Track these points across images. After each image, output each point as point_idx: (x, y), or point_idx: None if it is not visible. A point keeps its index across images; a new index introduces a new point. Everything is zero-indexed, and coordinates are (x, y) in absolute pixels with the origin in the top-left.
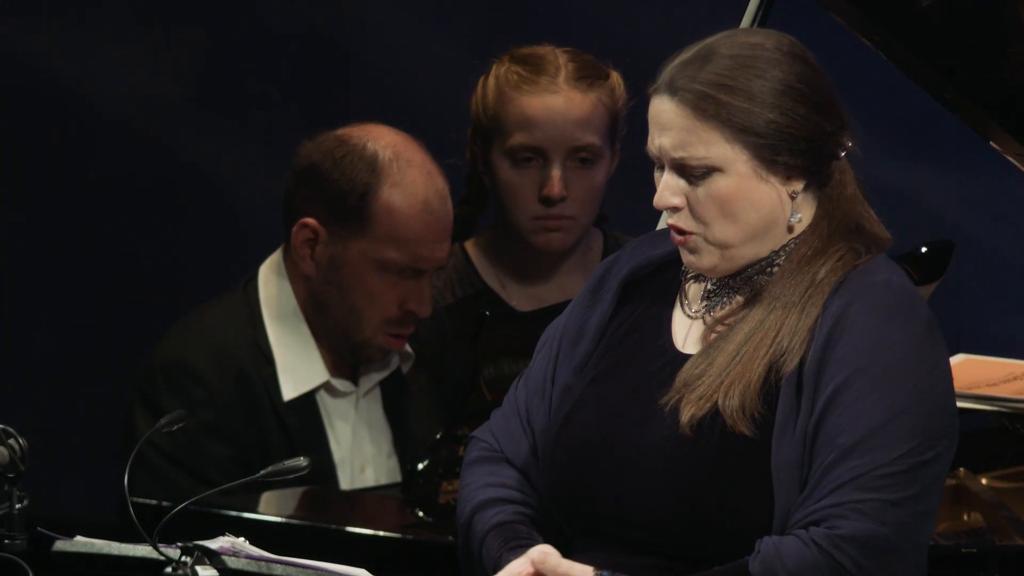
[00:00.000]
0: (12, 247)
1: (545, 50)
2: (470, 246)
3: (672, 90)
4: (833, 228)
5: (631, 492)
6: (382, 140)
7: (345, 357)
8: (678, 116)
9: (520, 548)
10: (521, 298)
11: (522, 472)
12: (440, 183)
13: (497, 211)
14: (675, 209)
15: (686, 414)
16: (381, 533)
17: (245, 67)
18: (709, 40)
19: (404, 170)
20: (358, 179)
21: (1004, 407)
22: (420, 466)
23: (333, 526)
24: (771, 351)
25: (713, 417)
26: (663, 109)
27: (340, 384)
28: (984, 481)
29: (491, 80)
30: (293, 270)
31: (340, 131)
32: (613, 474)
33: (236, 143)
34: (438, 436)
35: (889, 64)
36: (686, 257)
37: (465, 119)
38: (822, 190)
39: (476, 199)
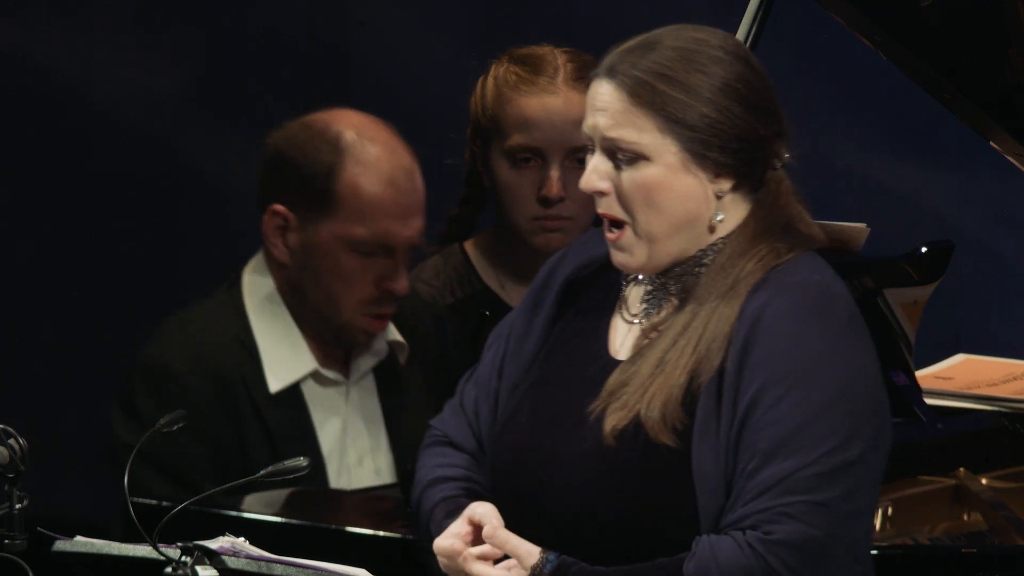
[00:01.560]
0: (12, 247)
1: (544, 50)
2: (470, 246)
3: (612, 74)
4: (759, 229)
5: (558, 502)
6: (345, 121)
7: (332, 344)
8: (615, 99)
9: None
10: (520, 298)
11: (471, 455)
12: (406, 160)
13: (496, 211)
14: (602, 194)
15: (609, 424)
16: (381, 533)
17: (245, 67)
18: (657, 31)
19: (367, 148)
20: (322, 160)
21: (1004, 407)
22: None
23: (333, 526)
24: (693, 358)
25: (636, 426)
26: (601, 92)
27: (330, 374)
28: (984, 481)
29: (490, 80)
30: (272, 262)
31: (306, 117)
32: (542, 483)
33: (236, 143)
34: None
35: (889, 64)
36: (616, 256)
37: (465, 119)
38: (754, 195)
39: (475, 199)
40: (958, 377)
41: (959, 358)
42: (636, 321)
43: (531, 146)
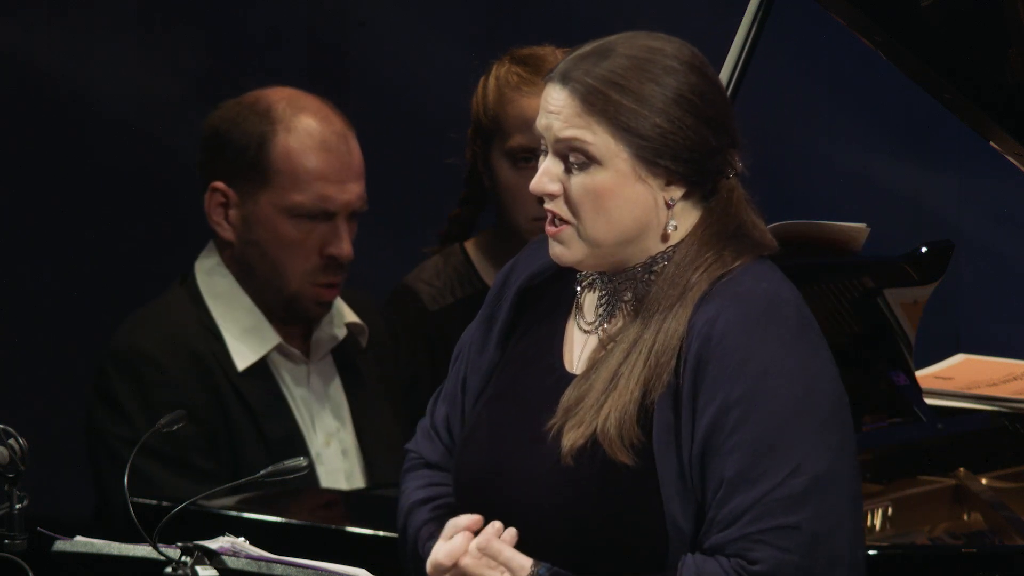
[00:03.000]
0: (12, 246)
1: (545, 50)
2: (470, 246)
3: (565, 80)
4: (708, 237)
5: (520, 521)
6: (276, 95)
7: (288, 320)
8: (568, 105)
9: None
10: None
11: (444, 470)
12: (338, 125)
13: (497, 211)
14: (551, 196)
15: (566, 443)
16: (381, 533)
17: (245, 67)
18: (612, 38)
19: (297, 115)
20: (253, 132)
21: (1004, 407)
22: None
23: (333, 526)
24: (645, 372)
25: (594, 445)
26: (554, 96)
27: (293, 350)
28: (984, 481)
29: (491, 81)
30: (220, 243)
31: (241, 96)
32: (504, 502)
33: None
34: None
35: (889, 64)
36: (553, 248)
37: (465, 119)
38: (705, 204)
39: (475, 199)
40: (958, 377)
41: (959, 358)
42: (592, 330)
43: (532, 146)
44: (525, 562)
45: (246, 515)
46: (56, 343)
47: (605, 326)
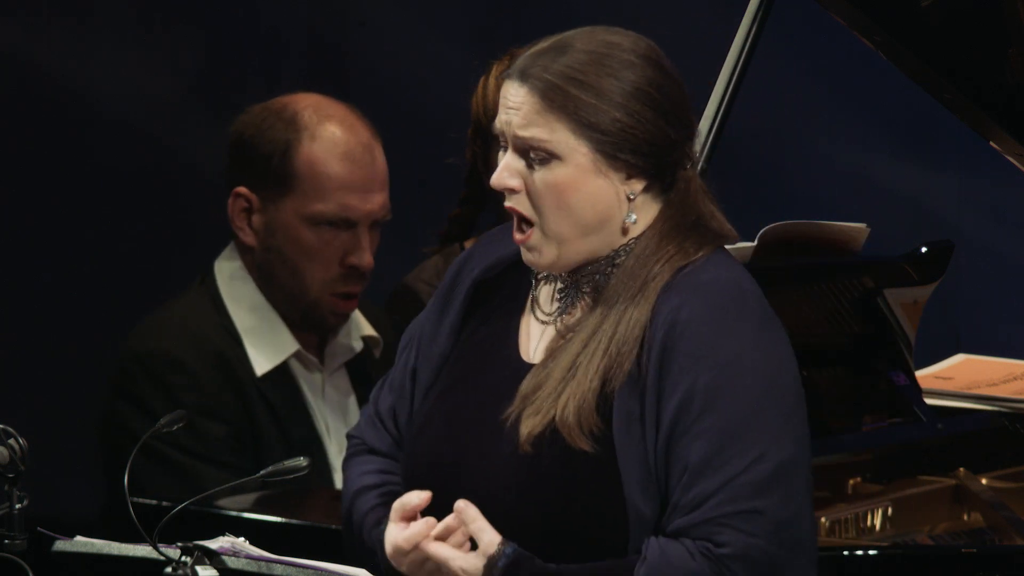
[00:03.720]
0: (12, 246)
1: None
2: (470, 246)
3: (523, 77)
4: (668, 229)
5: (481, 510)
6: (303, 102)
7: (304, 328)
8: (527, 102)
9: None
10: None
11: (390, 457)
12: (364, 135)
13: (497, 211)
14: (512, 191)
15: (524, 430)
16: None
17: (245, 67)
18: (569, 33)
19: (323, 123)
20: (279, 139)
21: (1004, 407)
22: None
23: (333, 526)
24: (604, 361)
25: (553, 432)
26: (513, 92)
27: (310, 359)
28: (984, 481)
29: (491, 81)
30: (241, 247)
31: (268, 101)
32: (463, 492)
33: None
34: None
35: (889, 64)
36: (526, 255)
37: (465, 119)
38: (665, 195)
39: (475, 199)
40: (958, 377)
41: (959, 358)
42: (549, 321)
43: None
44: (495, 538)
45: (246, 515)
46: (56, 343)
47: (563, 317)
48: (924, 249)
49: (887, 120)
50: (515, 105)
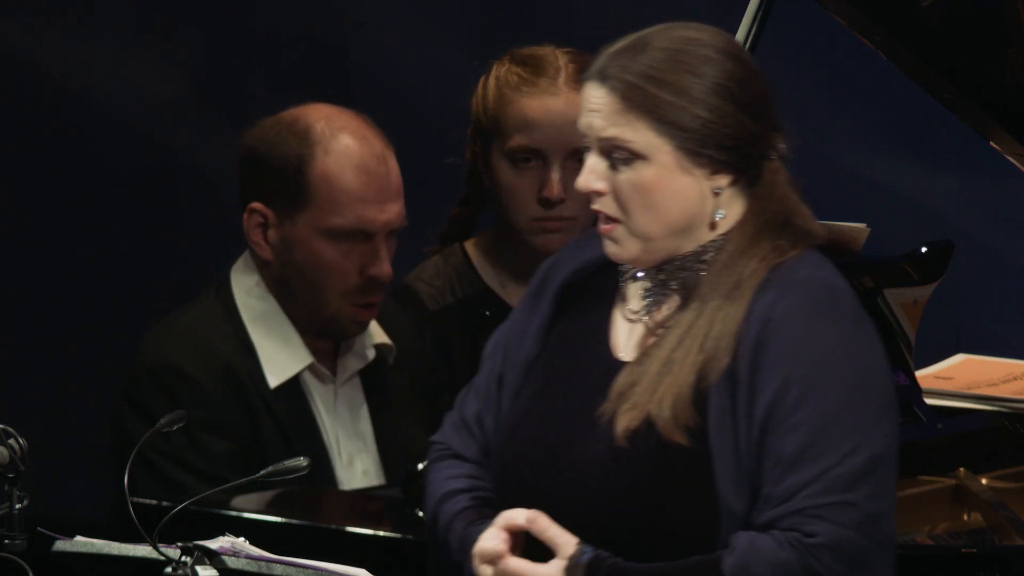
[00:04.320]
0: (11, 246)
1: (545, 50)
2: (470, 246)
3: (603, 78)
4: (760, 226)
5: (574, 506)
6: (315, 114)
7: (323, 338)
8: (607, 103)
9: (485, 522)
10: (521, 298)
11: (477, 463)
12: (377, 146)
13: (497, 211)
14: (599, 194)
15: (620, 425)
16: (381, 533)
17: (245, 67)
18: (647, 31)
19: (336, 136)
20: (292, 153)
21: (1004, 407)
22: (420, 466)
23: (333, 526)
24: (700, 357)
25: (648, 427)
26: (594, 94)
27: (323, 369)
28: (984, 481)
29: (491, 81)
30: (257, 260)
31: (278, 114)
32: (557, 489)
33: (236, 143)
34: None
35: (889, 64)
36: (608, 247)
37: (465, 119)
38: (751, 189)
39: (476, 199)
40: (958, 377)
41: (959, 358)
42: (637, 319)
43: (532, 147)
44: (571, 539)
45: (246, 515)
46: (56, 343)
47: (651, 314)
48: (924, 249)
49: (887, 120)
50: (596, 107)
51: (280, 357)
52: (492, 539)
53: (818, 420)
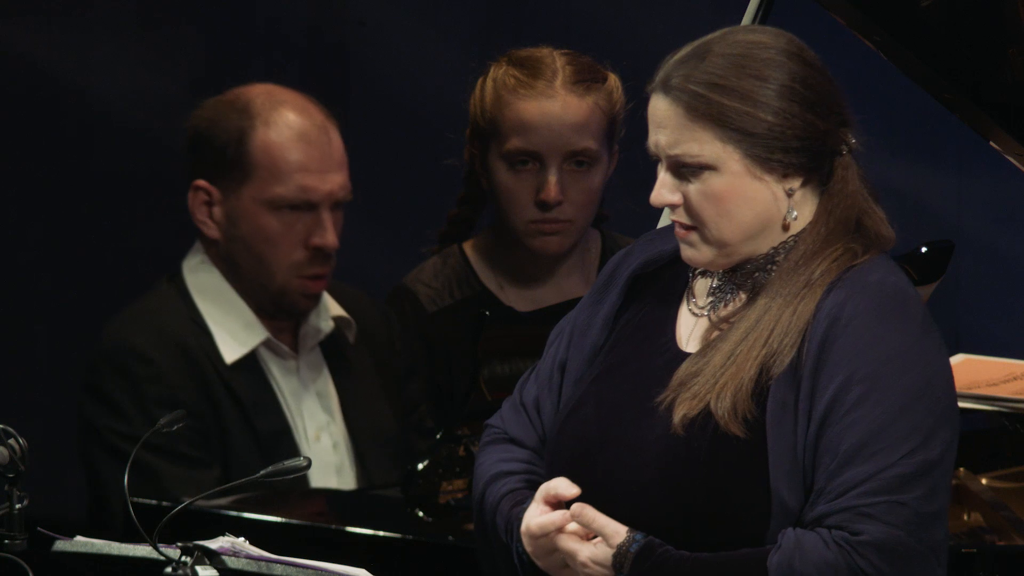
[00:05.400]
0: (12, 246)
1: (543, 52)
2: (468, 248)
3: (667, 89)
4: (832, 227)
5: (625, 491)
6: (254, 90)
7: (276, 315)
8: (672, 115)
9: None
10: (519, 300)
11: (532, 450)
12: (318, 117)
13: (495, 212)
14: (673, 206)
15: (679, 413)
16: (381, 533)
17: (245, 67)
18: (707, 37)
19: (276, 108)
20: (232, 127)
21: (1004, 407)
22: (420, 466)
23: (333, 526)
24: (764, 351)
25: (706, 417)
26: (658, 107)
27: (281, 345)
28: (984, 481)
29: (489, 83)
30: (206, 242)
31: (221, 94)
32: (609, 472)
33: None
34: (438, 436)
35: (889, 64)
36: (684, 251)
37: (463, 119)
38: (824, 187)
39: (474, 199)
40: (958, 377)
41: (959, 358)
42: (703, 313)
43: (529, 150)
44: (620, 528)
45: (246, 515)
46: (56, 343)
47: (716, 310)
48: (924, 249)
49: (887, 120)
50: (661, 122)
51: (234, 334)
52: (537, 515)
53: (877, 419)
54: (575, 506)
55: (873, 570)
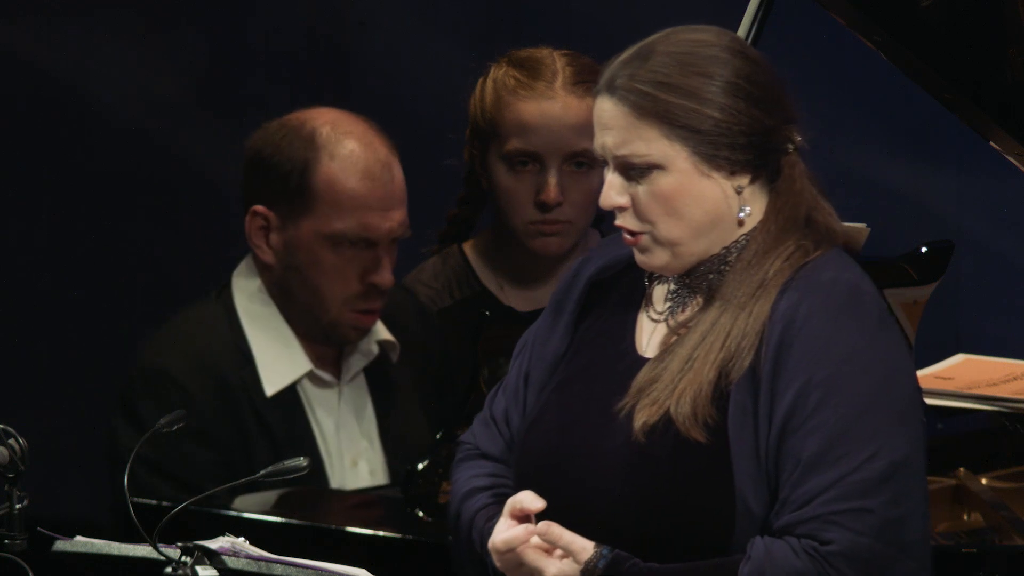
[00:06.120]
0: (12, 247)
1: (543, 53)
2: (468, 248)
3: (612, 89)
4: (782, 224)
5: (590, 499)
6: (321, 118)
7: (323, 344)
8: (618, 115)
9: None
10: (519, 300)
11: (504, 464)
12: (382, 152)
13: (495, 213)
14: (621, 208)
15: (639, 420)
16: (381, 533)
17: (245, 67)
18: (650, 38)
19: (342, 141)
20: (297, 157)
21: (1004, 407)
22: (420, 466)
23: (333, 526)
24: (722, 355)
25: (667, 423)
26: (604, 108)
27: (323, 375)
28: (984, 481)
29: (489, 83)
30: (259, 264)
31: (283, 117)
32: (573, 482)
33: (236, 143)
34: (438, 436)
35: (889, 64)
36: (638, 256)
37: (464, 120)
38: (772, 185)
39: (474, 199)
40: (958, 377)
41: (959, 358)
42: (662, 319)
43: (529, 151)
44: (587, 544)
45: (246, 515)
46: (56, 344)
47: (674, 315)
48: (924, 249)
49: (887, 120)
50: (608, 123)
51: (278, 365)
52: (504, 531)
53: (838, 424)
54: (542, 524)
55: None
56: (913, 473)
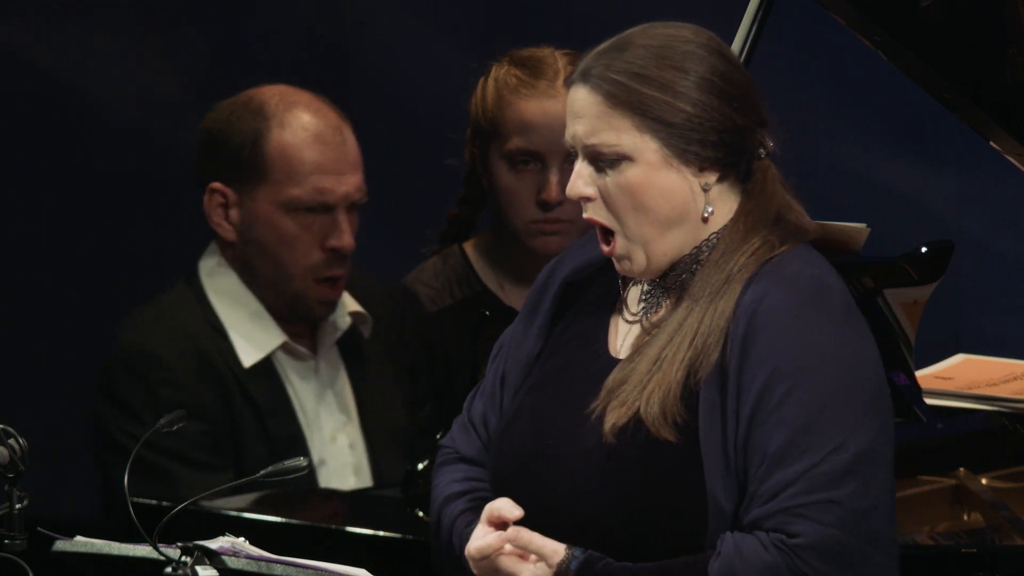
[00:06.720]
0: (12, 246)
1: (544, 52)
2: (469, 247)
3: (586, 78)
4: (751, 223)
5: (564, 501)
6: (269, 92)
7: (293, 320)
8: (590, 104)
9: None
10: (519, 300)
11: (483, 467)
12: (332, 118)
13: (495, 212)
14: (588, 199)
15: (608, 422)
16: (381, 533)
17: (245, 67)
18: (628, 31)
19: (290, 109)
20: (247, 129)
21: (1004, 407)
22: (420, 466)
23: (333, 526)
24: (690, 353)
25: (637, 424)
26: (577, 97)
27: (300, 348)
28: (984, 481)
29: (490, 82)
30: (222, 244)
31: (234, 96)
32: (547, 484)
33: None
34: (438, 436)
35: (889, 64)
36: (618, 265)
37: (464, 119)
38: (742, 186)
39: (475, 199)
40: (958, 377)
41: (959, 358)
42: (637, 320)
43: (530, 150)
44: (559, 547)
45: (246, 515)
46: (56, 344)
47: (648, 316)
48: (924, 249)
49: (887, 120)
50: (579, 112)
51: (252, 337)
52: (480, 538)
53: (803, 416)
54: (511, 529)
55: (814, 572)
56: (880, 465)
